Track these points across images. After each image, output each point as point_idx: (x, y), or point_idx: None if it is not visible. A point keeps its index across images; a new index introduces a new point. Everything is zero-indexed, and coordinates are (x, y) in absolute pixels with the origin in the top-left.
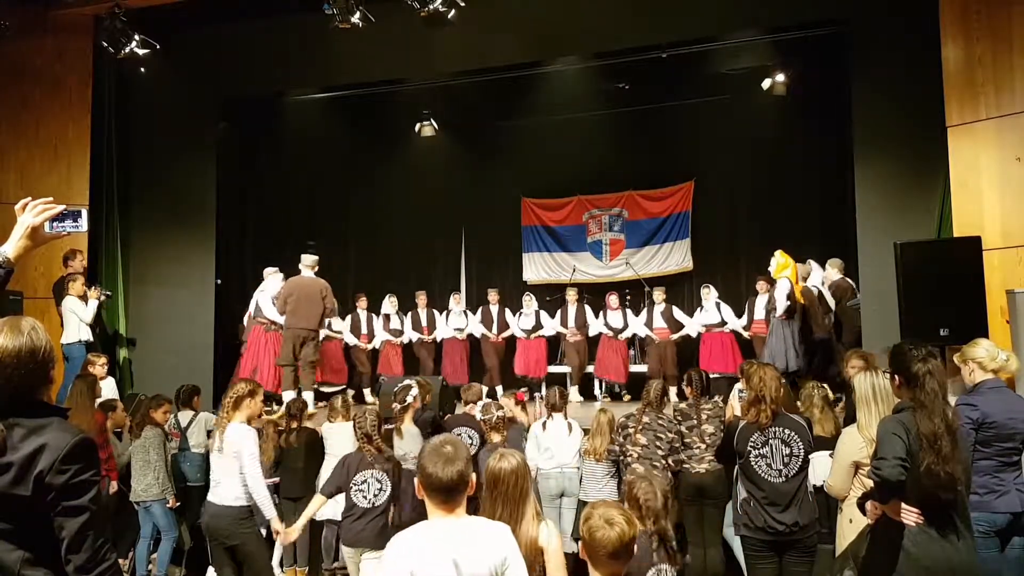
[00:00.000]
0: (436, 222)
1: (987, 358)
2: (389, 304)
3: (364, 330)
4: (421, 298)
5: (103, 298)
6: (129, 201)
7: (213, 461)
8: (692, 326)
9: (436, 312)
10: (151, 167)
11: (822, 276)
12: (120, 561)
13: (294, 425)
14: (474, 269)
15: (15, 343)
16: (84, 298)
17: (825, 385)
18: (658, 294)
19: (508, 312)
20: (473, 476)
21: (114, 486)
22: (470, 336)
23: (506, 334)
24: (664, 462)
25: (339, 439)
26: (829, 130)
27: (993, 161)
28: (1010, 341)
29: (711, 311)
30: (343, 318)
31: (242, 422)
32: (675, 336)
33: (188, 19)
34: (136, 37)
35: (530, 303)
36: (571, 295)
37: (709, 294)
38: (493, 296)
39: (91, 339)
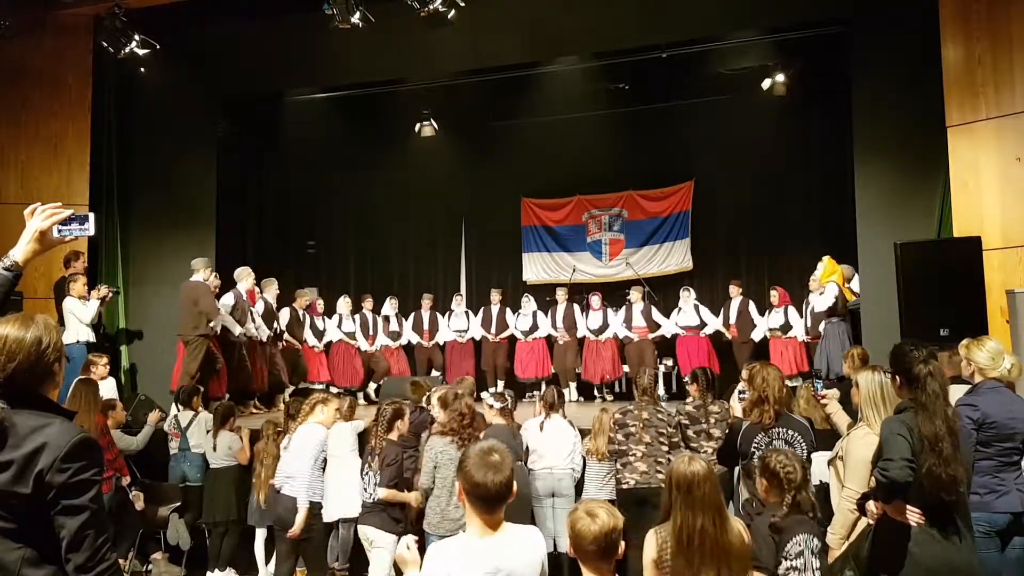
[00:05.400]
0: (436, 222)
1: (989, 367)
2: (390, 306)
3: (371, 331)
4: (426, 301)
5: (110, 295)
6: (129, 201)
7: (284, 459)
8: (668, 327)
9: (439, 315)
10: (151, 167)
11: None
12: (120, 561)
13: (293, 426)
14: (474, 269)
15: (22, 333)
16: (85, 298)
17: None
18: (635, 293)
19: (509, 312)
20: (515, 484)
21: (125, 480)
22: (472, 338)
23: (505, 334)
24: (668, 458)
25: (338, 440)
26: (829, 130)
27: (993, 161)
28: (1010, 341)
29: (689, 313)
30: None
31: (316, 423)
32: (652, 335)
33: (188, 19)
34: (136, 37)
35: (528, 304)
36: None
37: (689, 296)
38: (495, 297)
39: (92, 340)
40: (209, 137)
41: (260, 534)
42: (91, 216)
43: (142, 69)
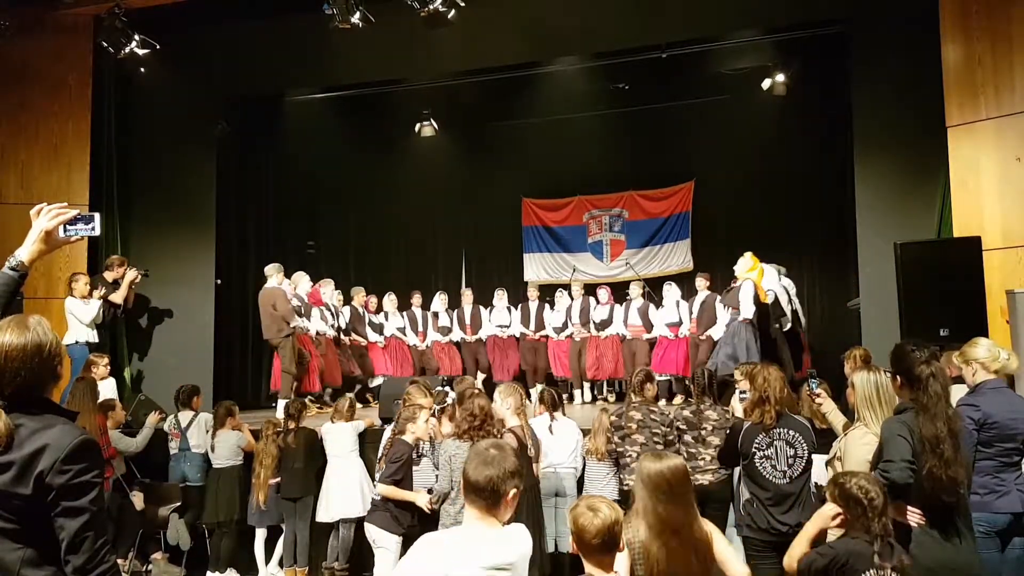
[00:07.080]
0: (436, 222)
1: (989, 359)
2: (439, 301)
3: (419, 327)
4: (467, 295)
5: (139, 277)
6: (129, 201)
7: None
8: (658, 328)
9: (481, 308)
10: (151, 167)
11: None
12: (120, 561)
13: (292, 426)
14: (474, 269)
15: (21, 340)
16: (87, 298)
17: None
18: (635, 289)
19: (547, 309)
20: (513, 490)
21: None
22: (514, 335)
23: (543, 332)
24: None
25: (338, 440)
26: (829, 130)
27: (993, 161)
28: (1010, 341)
29: (670, 309)
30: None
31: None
32: (647, 336)
33: (188, 19)
34: (136, 37)
35: (560, 300)
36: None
37: (671, 292)
38: (532, 292)
39: (94, 340)
40: (209, 137)
41: (260, 534)
42: (96, 216)
43: (142, 69)
